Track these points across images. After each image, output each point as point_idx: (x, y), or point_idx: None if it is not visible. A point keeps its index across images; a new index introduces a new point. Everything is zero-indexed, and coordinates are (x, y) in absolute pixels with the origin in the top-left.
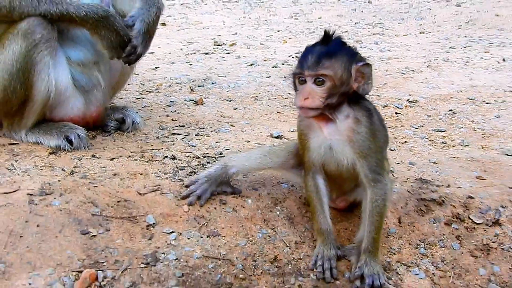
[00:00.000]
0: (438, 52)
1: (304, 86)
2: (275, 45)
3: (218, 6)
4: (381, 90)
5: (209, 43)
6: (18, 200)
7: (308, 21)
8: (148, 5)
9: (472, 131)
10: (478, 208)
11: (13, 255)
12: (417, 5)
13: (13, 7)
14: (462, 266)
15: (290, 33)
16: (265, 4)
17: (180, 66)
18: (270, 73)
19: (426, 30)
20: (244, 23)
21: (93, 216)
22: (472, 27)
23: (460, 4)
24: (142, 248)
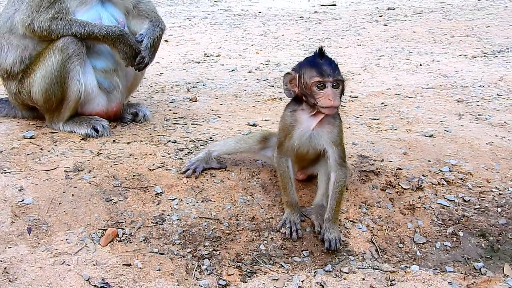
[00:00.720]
0: (371, 59)
1: (326, 90)
2: (250, 56)
3: (207, 27)
4: None
5: (200, 54)
6: (57, 175)
7: (274, 37)
8: (153, 26)
9: (399, 118)
10: (405, 177)
11: (53, 217)
12: (355, 25)
13: (51, 30)
14: (394, 221)
15: (261, 46)
16: (242, 26)
17: (179, 72)
18: (247, 77)
19: (362, 43)
20: (227, 40)
21: (114, 187)
22: (396, 40)
23: (387, 24)
24: (152, 211)
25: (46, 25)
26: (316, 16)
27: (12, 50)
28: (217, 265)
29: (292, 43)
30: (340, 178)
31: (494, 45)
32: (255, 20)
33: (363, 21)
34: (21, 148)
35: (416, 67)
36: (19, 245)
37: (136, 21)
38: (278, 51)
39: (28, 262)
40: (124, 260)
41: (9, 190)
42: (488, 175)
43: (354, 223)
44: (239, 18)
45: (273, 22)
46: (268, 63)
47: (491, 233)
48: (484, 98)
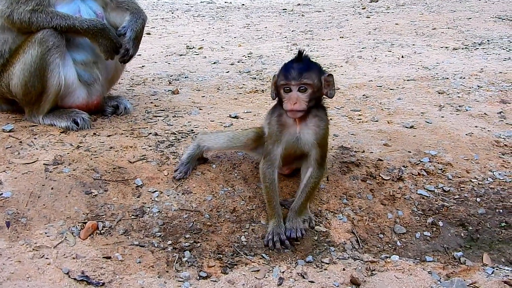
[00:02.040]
0: (354, 51)
1: (290, 94)
2: (232, 48)
3: (190, 20)
4: None
5: (182, 47)
6: (36, 168)
7: (257, 30)
8: (135, 18)
9: (380, 110)
10: (386, 168)
11: (32, 211)
12: (338, 17)
13: (32, 22)
14: (375, 212)
15: (243, 39)
16: (225, 18)
17: (161, 65)
18: (229, 69)
19: (345, 35)
20: (209, 32)
21: (94, 180)
22: (379, 33)
23: (369, 16)
24: (132, 204)
25: (26, 17)
26: (299, 8)
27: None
28: (198, 257)
29: (275, 35)
30: (315, 175)
31: (475, 37)
32: (238, 12)
33: (346, 13)
34: (0, 141)
35: (398, 59)
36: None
37: (115, 14)
38: (261, 43)
39: (7, 256)
40: (104, 253)
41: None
42: (467, 166)
43: (335, 214)
44: (222, 11)
45: (256, 14)
46: (250, 56)
47: (470, 222)
48: (465, 90)
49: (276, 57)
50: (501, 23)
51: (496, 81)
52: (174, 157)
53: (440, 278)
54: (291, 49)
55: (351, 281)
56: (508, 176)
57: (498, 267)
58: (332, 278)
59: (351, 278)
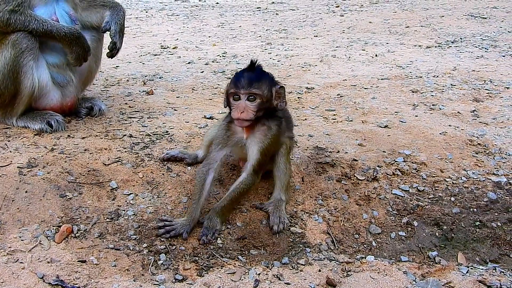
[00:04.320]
0: (328, 50)
1: (239, 102)
2: (207, 48)
3: (164, 19)
4: (287, 80)
5: (157, 47)
6: (10, 171)
7: (231, 29)
8: (116, 11)
9: (354, 110)
10: (361, 168)
11: (6, 215)
12: (312, 16)
13: (9, 23)
14: (350, 212)
15: (218, 38)
16: (199, 17)
17: (135, 65)
18: (203, 69)
19: (319, 34)
20: (184, 31)
21: (69, 183)
22: (352, 31)
23: (343, 15)
24: (107, 207)
25: (5, 17)
26: (274, 6)
27: None
28: (173, 259)
29: (249, 34)
30: (246, 182)
31: (448, 35)
32: (213, 11)
33: (320, 11)
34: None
35: (372, 58)
36: None
37: (88, 13)
38: (235, 42)
39: None
40: (79, 257)
41: None
42: (441, 165)
43: (311, 215)
44: (197, 9)
45: (230, 13)
46: (225, 55)
47: (445, 222)
48: (438, 88)
49: (251, 56)
50: (473, 21)
51: (469, 80)
52: (149, 159)
53: (415, 278)
54: (265, 48)
55: (327, 282)
56: (481, 175)
57: (473, 266)
58: (308, 279)
59: (327, 279)
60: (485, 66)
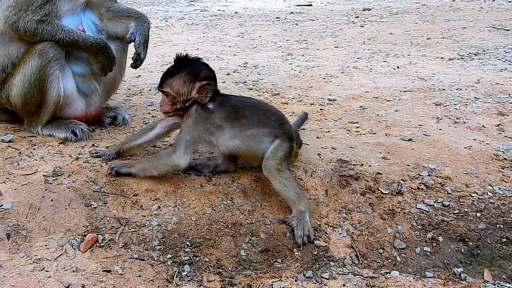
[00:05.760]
0: (349, 62)
1: (162, 96)
2: (228, 58)
3: (184, 28)
4: (309, 92)
5: None
6: (36, 180)
7: (251, 39)
8: (141, 23)
9: (377, 122)
10: (385, 182)
11: (33, 223)
12: (332, 26)
13: (37, 33)
14: (374, 227)
15: (238, 48)
16: (219, 27)
17: (157, 74)
18: (225, 79)
19: (339, 45)
20: (204, 41)
21: (94, 192)
22: (373, 42)
23: (363, 25)
24: (131, 216)
25: (32, 26)
26: (293, 16)
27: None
28: (197, 271)
29: (269, 44)
30: (167, 151)
31: (470, 47)
32: (232, 20)
33: (340, 22)
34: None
35: (394, 70)
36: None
37: (113, 23)
38: (256, 53)
39: (7, 269)
40: (104, 266)
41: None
42: (467, 180)
43: (334, 228)
44: (216, 19)
45: (249, 23)
46: (246, 65)
47: (471, 238)
48: (462, 101)
49: (272, 67)
50: (496, 33)
51: (493, 93)
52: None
53: None
54: (286, 59)
55: None
56: (508, 190)
57: (499, 284)
58: None
59: None
60: (509, 79)
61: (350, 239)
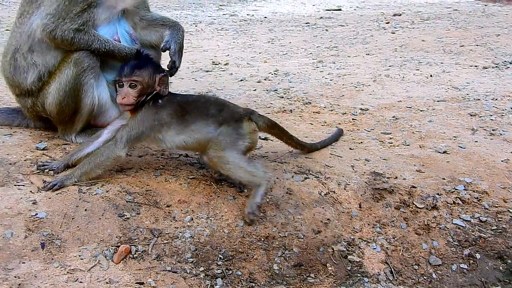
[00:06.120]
0: (381, 69)
1: (122, 89)
2: (258, 64)
3: (214, 34)
4: (340, 101)
5: (208, 62)
6: (70, 189)
7: (281, 45)
8: (175, 31)
9: (411, 133)
10: (420, 196)
11: (67, 233)
12: (362, 33)
13: (73, 42)
14: (409, 242)
15: (268, 54)
16: (249, 32)
17: (188, 81)
18: (256, 87)
19: (370, 52)
20: (234, 47)
21: (127, 203)
22: (405, 50)
23: (394, 32)
24: (164, 228)
25: (69, 35)
26: (322, 22)
27: (31, 70)
28: (230, 285)
29: (299, 51)
30: (107, 145)
31: (505, 55)
32: (261, 26)
33: (370, 28)
34: (34, 159)
35: (427, 78)
36: (33, 260)
37: (147, 32)
38: (286, 59)
39: (42, 279)
40: (137, 278)
41: (22, 204)
42: (504, 195)
43: (368, 243)
44: (245, 24)
45: (279, 28)
46: (276, 73)
47: (509, 255)
48: (498, 112)
49: (303, 74)
50: None
51: None
52: (205, 180)
53: None
54: (317, 66)
55: None
56: None
57: None
58: None
59: None
60: None
61: (384, 255)
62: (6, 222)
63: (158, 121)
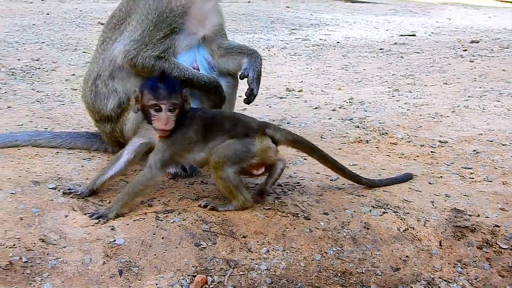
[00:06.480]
0: (460, 100)
1: (160, 114)
2: (333, 92)
3: (287, 59)
4: (418, 132)
5: (282, 89)
6: (147, 216)
7: (355, 72)
8: (253, 59)
9: (493, 168)
10: (504, 235)
11: (144, 260)
12: (439, 60)
13: (154, 70)
14: (492, 284)
15: (343, 81)
16: (322, 57)
17: (262, 108)
18: (331, 116)
19: (448, 81)
20: (307, 73)
21: (203, 232)
22: (485, 80)
23: (473, 60)
24: (240, 259)
25: (150, 62)
26: (397, 48)
27: (112, 96)
28: None
29: (374, 79)
30: (142, 173)
31: None
32: (334, 51)
33: (447, 55)
34: (111, 185)
35: (508, 111)
36: (111, 287)
37: (224, 60)
38: (361, 87)
39: None
40: None
41: (101, 229)
42: None
43: (449, 283)
44: (318, 49)
45: (353, 54)
46: (351, 101)
47: None
48: None
49: (378, 103)
50: None
51: None
52: (281, 212)
53: None
54: (393, 95)
55: None
56: None
57: None
58: None
59: None
60: None
61: None
62: (85, 247)
63: (187, 140)
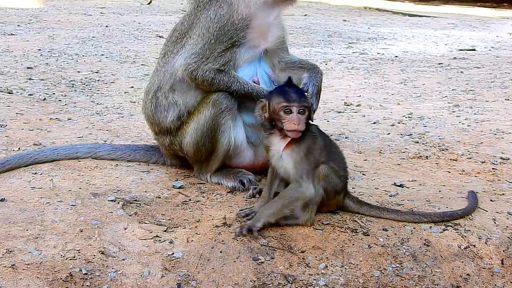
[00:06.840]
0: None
1: (291, 115)
2: (391, 107)
3: (344, 73)
4: (479, 148)
5: (340, 103)
6: (205, 229)
7: (414, 86)
8: (314, 74)
9: None
10: None
11: (202, 274)
12: (500, 76)
13: (213, 83)
14: None
15: (401, 96)
16: (380, 72)
17: (320, 122)
18: (390, 131)
19: (510, 97)
20: (365, 87)
21: (261, 246)
22: None
23: None
24: (298, 274)
25: (210, 76)
26: (456, 63)
27: (172, 109)
28: None
29: (434, 94)
30: (292, 187)
31: None
32: (392, 65)
33: (509, 71)
34: (170, 198)
35: None
36: None
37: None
38: (420, 102)
39: None
40: None
41: (159, 242)
42: None
43: None
44: (376, 63)
45: (411, 68)
46: (411, 116)
47: None
48: None
49: (438, 119)
50: None
51: None
52: (340, 227)
53: None
54: (453, 110)
55: None
56: None
57: None
58: None
59: None
60: None
61: None
62: (144, 260)
63: (319, 147)
